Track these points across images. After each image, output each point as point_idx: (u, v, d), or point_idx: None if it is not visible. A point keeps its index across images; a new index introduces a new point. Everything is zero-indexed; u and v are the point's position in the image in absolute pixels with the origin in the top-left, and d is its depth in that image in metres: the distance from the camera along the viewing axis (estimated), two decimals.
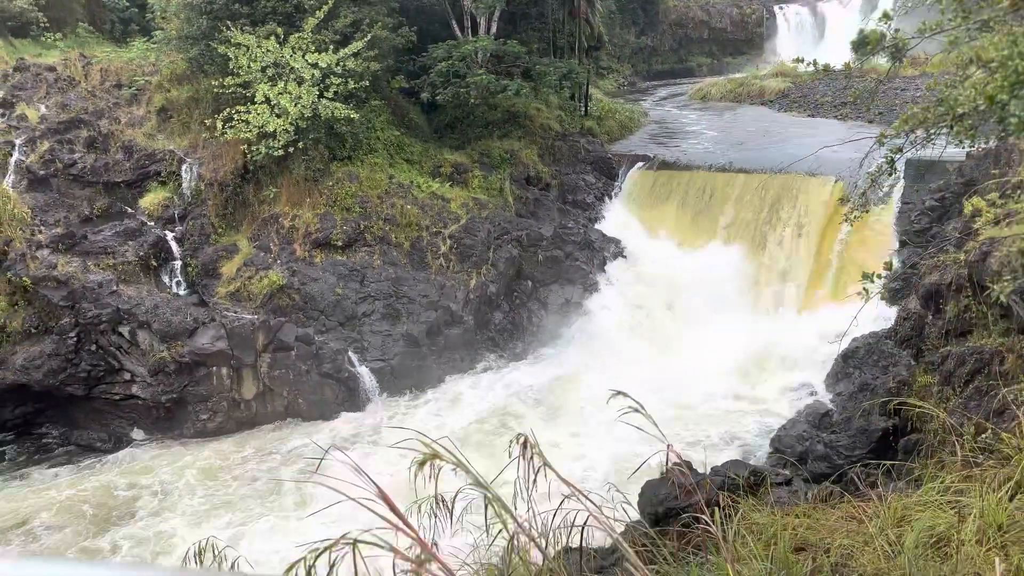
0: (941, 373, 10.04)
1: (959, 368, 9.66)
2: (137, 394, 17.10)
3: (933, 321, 10.86)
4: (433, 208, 21.58)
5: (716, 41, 66.08)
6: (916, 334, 11.25)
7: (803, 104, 33.76)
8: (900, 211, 19.21)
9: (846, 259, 19.99)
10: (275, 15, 20.92)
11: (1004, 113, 6.01)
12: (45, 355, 16.68)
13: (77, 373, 16.85)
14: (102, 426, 17.35)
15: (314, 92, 19.65)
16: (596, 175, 24.99)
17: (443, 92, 23.05)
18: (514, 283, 21.56)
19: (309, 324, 18.73)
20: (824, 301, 19.97)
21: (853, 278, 19.90)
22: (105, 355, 17.06)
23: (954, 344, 10.21)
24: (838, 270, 20.06)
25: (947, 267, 10.65)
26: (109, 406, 17.36)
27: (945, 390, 9.78)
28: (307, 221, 20.40)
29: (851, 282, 19.89)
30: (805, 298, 20.51)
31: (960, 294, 10.31)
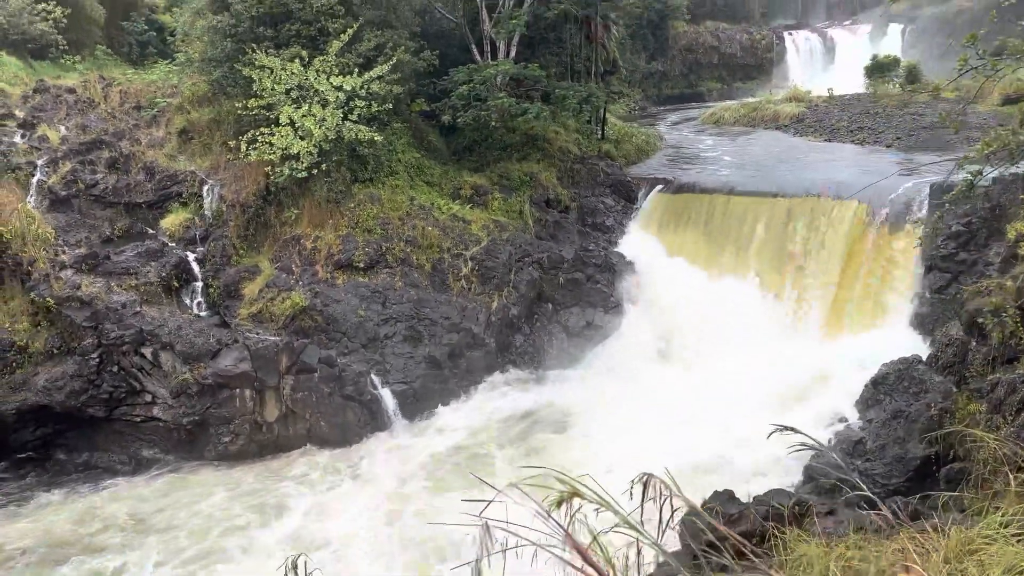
0: (990, 401, 9.87)
1: (1010, 396, 9.49)
2: (159, 416, 16.97)
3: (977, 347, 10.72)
4: (454, 230, 21.53)
5: (726, 66, 66.43)
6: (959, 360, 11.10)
7: (819, 129, 33.76)
8: (925, 236, 19.06)
9: (870, 284, 19.85)
10: (299, 38, 21.03)
11: None
12: (67, 376, 16.58)
13: (99, 394, 16.74)
14: (122, 448, 17.21)
15: (338, 114, 19.70)
16: (615, 198, 24.96)
17: (464, 115, 23.11)
18: (535, 305, 21.45)
19: (331, 346, 18.62)
20: (849, 325, 19.81)
21: (877, 303, 19.84)
22: (127, 376, 16.96)
23: (1002, 371, 10.06)
24: (862, 294, 19.91)
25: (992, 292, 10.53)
26: (130, 428, 17.22)
27: (995, 418, 9.61)
28: (329, 243, 20.35)
29: (875, 306, 19.83)
30: (829, 323, 20.34)
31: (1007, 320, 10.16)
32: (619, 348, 20.98)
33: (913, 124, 30.09)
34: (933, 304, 17.89)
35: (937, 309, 17.79)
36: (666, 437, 16.92)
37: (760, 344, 20.41)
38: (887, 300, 19.32)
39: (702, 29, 65.45)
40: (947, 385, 11.75)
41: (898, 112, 32.42)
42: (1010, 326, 9.98)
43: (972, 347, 10.83)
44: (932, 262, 18.33)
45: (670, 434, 17.03)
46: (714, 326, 20.85)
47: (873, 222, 19.98)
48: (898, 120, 31.29)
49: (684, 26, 63.25)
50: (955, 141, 27.56)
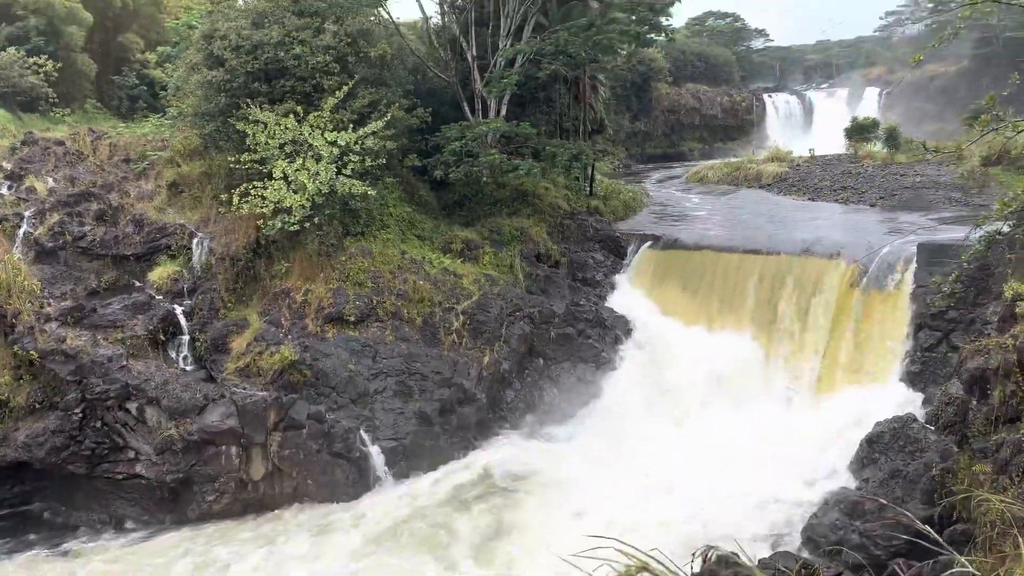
0: (995, 462, 9.81)
1: (1016, 456, 9.44)
2: (141, 473, 16.49)
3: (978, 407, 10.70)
4: (445, 284, 21.48)
5: (707, 127, 67.90)
6: (960, 420, 11.08)
7: (802, 188, 34.35)
8: (913, 294, 19.25)
9: (860, 342, 19.92)
10: (294, 94, 21.22)
11: None
12: (49, 432, 16.13)
13: (80, 451, 16.27)
14: (102, 507, 16.67)
15: (332, 169, 19.77)
16: (604, 253, 25.10)
17: (456, 171, 23.29)
18: (526, 360, 21.31)
19: (320, 401, 18.31)
20: (840, 383, 19.80)
21: (868, 361, 19.89)
22: (110, 432, 16.52)
23: (1004, 431, 10.02)
24: (853, 352, 19.96)
25: (991, 351, 10.58)
26: (111, 486, 16.71)
27: (1001, 479, 9.54)
28: (319, 296, 20.20)
29: (866, 364, 19.87)
30: (820, 381, 20.32)
31: (1008, 379, 10.19)
32: (610, 404, 20.80)
33: (895, 184, 30.71)
34: (924, 362, 17.96)
35: (929, 367, 17.86)
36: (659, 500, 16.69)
37: (751, 401, 20.36)
38: (878, 358, 19.38)
39: (684, 91, 67.03)
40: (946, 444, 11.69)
41: (880, 172, 33.11)
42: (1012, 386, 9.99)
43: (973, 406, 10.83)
44: (922, 320, 18.46)
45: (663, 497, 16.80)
46: (706, 383, 20.79)
47: (862, 280, 20.17)
48: (880, 180, 31.93)
49: (667, 88, 64.76)
50: (936, 201, 28.13)
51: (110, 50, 39.96)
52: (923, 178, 30.61)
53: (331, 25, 21.98)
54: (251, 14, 22.57)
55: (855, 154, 37.77)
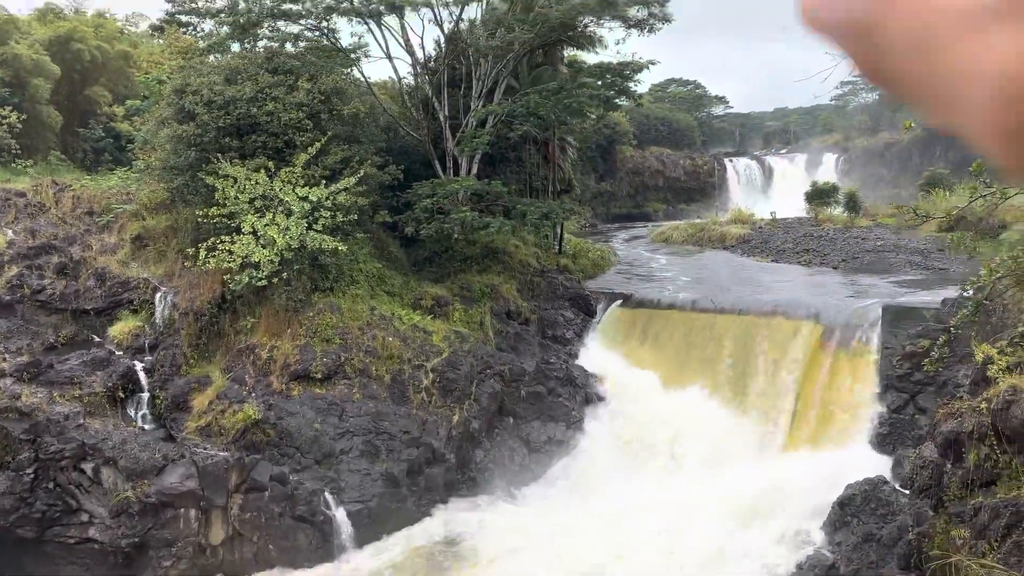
0: (973, 526, 9.78)
1: (994, 521, 9.43)
2: (95, 537, 15.73)
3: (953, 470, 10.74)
4: (415, 341, 21.22)
5: (671, 189, 69.24)
6: (935, 483, 11.10)
7: (765, 250, 34.98)
8: (881, 356, 19.49)
9: (828, 402, 20.04)
10: (266, 149, 21.17)
11: None
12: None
13: (31, 514, 15.49)
14: (52, 573, 15.80)
15: (303, 224, 19.63)
16: (574, 311, 25.12)
17: (427, 227, 23.30)
18: (496, 419, 21.02)
19: (284, 462, 17.77)
20: (809, 444, 19.83)
21: (836, 422, 19.99)
22: (63, 494, 15.79)
23: (981, 495, 10.04)
24: (821, 413, 20.05)
25: (965, 415, 10.66)
26: (62, 551, 15.89)
27: (979, 544, 9.50)
28: (285, 352, 19.80)
29: (835, 425, 19.96)
30: (789, 441, 20.33)
31: (983, 443, 10.26)
32: (580, 465, 20.55)
33: (857, 247, 31.42)
34: (893, 424, 18.09)
35: (897, 429, 17.99)
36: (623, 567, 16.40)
37: (722, 460, 20.23)
38: (847, 419, 19.48)
39: (648, 154, 68.53)
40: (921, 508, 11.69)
41: (841, 235, 33.89)
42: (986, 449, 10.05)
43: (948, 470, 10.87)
44: (889, 382, 18.67)
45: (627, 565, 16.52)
46: (676, 442, 20.68)
47: (830, 342, 20.39)
48: (842, 243, 32.67)
49: (631, 150, 66.18)
50: (898, 264, 28.81)
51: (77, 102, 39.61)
52: (883, 242, 31.40)
53: (305, 83, 22.12)
54: (224, 70, 22.64)
55: (815, 217, 38.70)
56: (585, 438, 21.07)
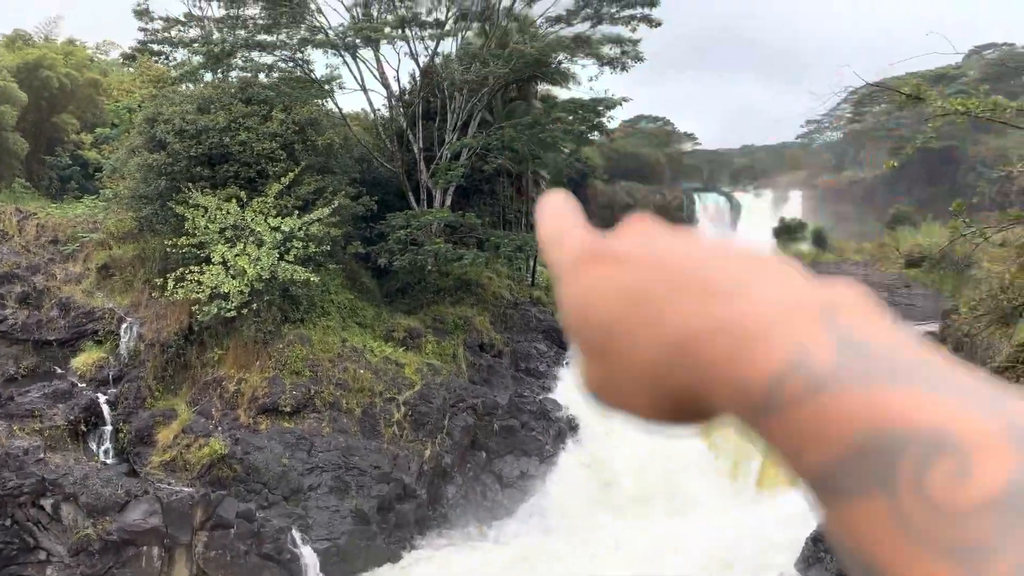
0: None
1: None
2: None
3: None
4: (387, 373, 20.96)
5: None
6: None
7: None
8: None
9: None
10: (238, 179, 20.99)
11: None
12: None
13: None
14: None
15: (274, 254, 19.40)
16: (548, 343, 25.05)
17: (400, 258, 23.17)
18: (468, 454, 20.75)
19: (251, 498, 17.34)
20: (781, 479, 19.81)
21: None
22: (20, 531, 15.20)
23: None
24: None
25: None
26: None
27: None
28: (254, 385, 19.43)
29: None
30: (762, 476, 20.32)
31: None
32: (553, 501, 20.31)
33: None
34: None
35: None
36: None
37: (694, 496, 20.17)
38: None
39: (618, 188, 69.30)
40: None
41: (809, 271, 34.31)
42: None
43: None
44: None
45: None
46: (650, 478, 20.56)
47: None
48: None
49: (602, 185, 66.86)
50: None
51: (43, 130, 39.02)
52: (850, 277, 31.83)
53: (279, 113, 22.03)
54: (197, 99, 22.48)
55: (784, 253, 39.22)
56: (558, 473, 20.86)
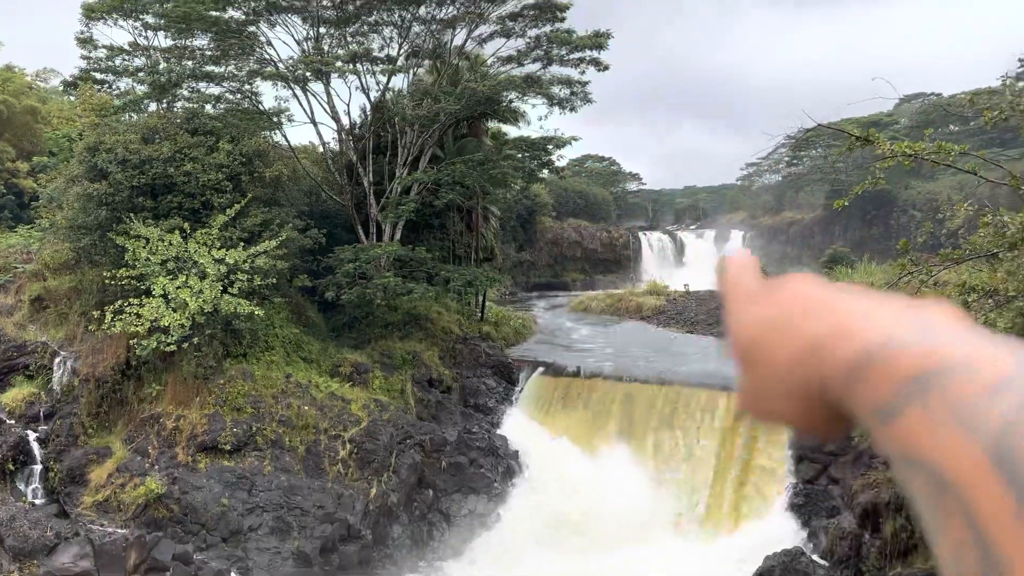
0: None
1: None
2: None
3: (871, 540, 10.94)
4: (332, 409, 20.56)
5: (588, 259, 70.67)
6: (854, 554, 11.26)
7: (680, 321, 35.82)
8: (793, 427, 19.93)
9: (745, 474, 20.32)
10: (182, 210, 20.56)
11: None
12: None
13: None
14: None
15: (218, 287, 18.97)
16: (497, 379, 24.93)
17: (348, 292, 22.90)
18: (415, 492, 20.39)
19: (188, 540, 16.70)
20: (728, 515, 19.98)
21: (753, 493, 20.26)
22: None
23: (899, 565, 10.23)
24: (739, 484, 20.29)
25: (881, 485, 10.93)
26: None
27: None
28: (193, 422, 18.85)
29: (752, 496, 20.22)
30: (707, 513, 20.44)
31: (899, 513, 10.51)
32: (502, 539, 20.04)
33: None
34: (807, 495, 18.43)
35: (811, 500, 18.33)
36: None
37: (642, 533, 20.13)
38: (764, 490, 19.76)
39: (566, 225, 70.03)
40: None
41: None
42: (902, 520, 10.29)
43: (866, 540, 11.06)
44: (802, 452, 19.10)
45: None
46: (598, 514, 20.44)
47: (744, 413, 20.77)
48: None
49: (550, 222, 67.51)
50: None
51: None
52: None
53: (226, 144, 21.72)
54: (141, 129, 22.05)
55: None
56: (506, 511, 20.63)
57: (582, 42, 25.36)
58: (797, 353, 0.62)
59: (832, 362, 0.59)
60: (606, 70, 26.24)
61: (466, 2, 25.30)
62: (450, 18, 25.88)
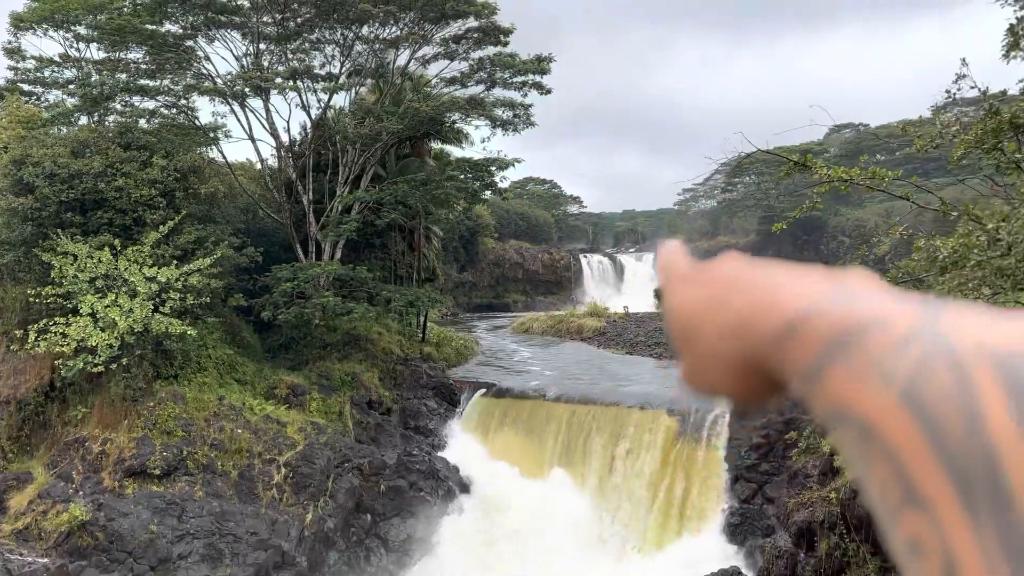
0: None
1: None
2: None
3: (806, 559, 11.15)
4: (267, 433, 20.07)
5: (529, 281, 71.01)
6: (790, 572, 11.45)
7: (620, 342, 36.18)
8: (729, 447, 20.29)
9: (683, 494, 20.52)
10: (112, 227, 19.93)
11: None
12: None
13: None
14: None
15: (149, 306, 18.39)
16: (438, 400, 24.72)
17: (286, 312, 22.47)
18: (353, 517, 19.99)
19: (114, 568, 16.02)
20: (667, 536, 20.13)
21: (691, 513, 20.48)
22: None
23: None
24: (676, 505, 20.48)
25: (815, 504, 11.17)
26: None
27: None
28: (120, 446, 18.16)
29: (689, 517, 20.43)
30: (646, 534, 20.56)
31: (832, 532, 10.74)
32: (442, 563, 19.80)
33: None
34: (743, 514, 18.70)
35: (747, 519, 18.60)
36: None
37: (582, 556, 20.14)
38: (700, 510, 19.98)
39: (508, 247, 70.30)
40: None
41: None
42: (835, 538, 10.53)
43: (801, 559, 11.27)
44: (738, 472, 19.40)
45: None
46: (538, 535, 20.38)
47: (683, 434, 21.05)
48: None
49: (492, 243, 67.67)
50: None
51: None
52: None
53: (160, 160, 21.17)
54: (71, 143, 21.33)
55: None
56: (446, 535, 20.38)
57: (525, 66, 25.63)
58: (729, 328, 0.66)
59: (762, 332, 0.63)
60: (549, 94, 26.57)
61: (410, 23, 25.32)
62: (393, 38, 25.87)
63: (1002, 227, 5.77)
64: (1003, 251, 5.77)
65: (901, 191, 8.31)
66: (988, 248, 5.91)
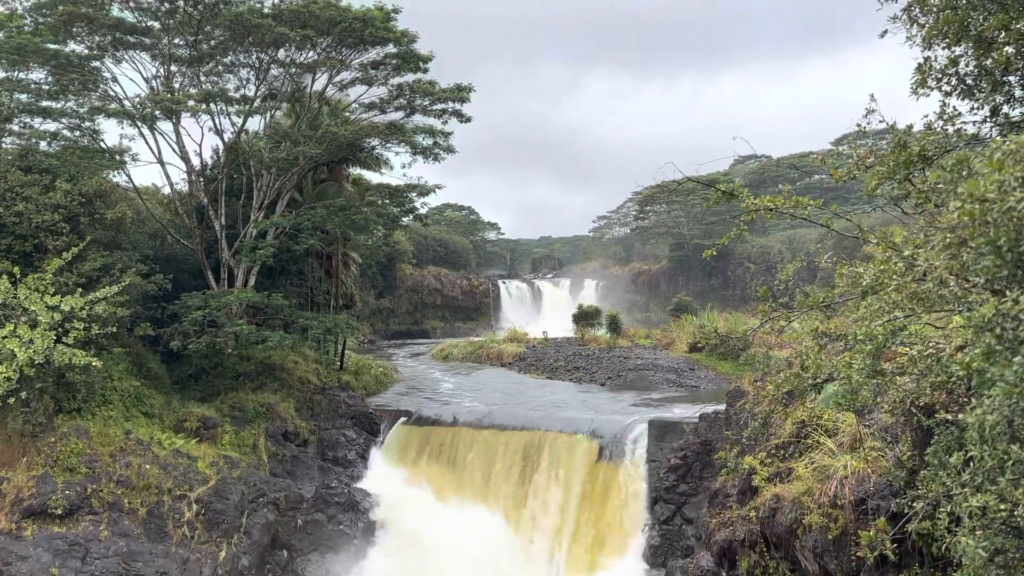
0: None
1: None
2: None
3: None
4: (177, 468, 19.24)
5: (448, 307, 70.90)
6: None
7: (540, 367, 36.44)
8: (648, 469, 20.62)
9: (604, 517, 20.70)
10: (10, 253, 18.89)
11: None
12: None
13: None
14: None
15: (50, 337, 17.44)
16: (357, 430, 24.26)
17: (196, 341, 21.70)
18: (268, 554, 19.33)
19: None
20: (588, 560, 20.23)
21: (612, 536, 20.66)
22: None
23: None
24: (598, 528, 20.64)
25: (736, 523, 11.46)
26: None
27: None
28: (18, 485, 17.08)
29: (611, 540, 20.61)
30: (568, 559, 20.62)
31: (753, 550, 11.04)
32: None
33: (621, 366, 33.68)
34: (663, 535, 19.01)
35: (667, 540, 18.91)
36: None
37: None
38: (622, 532, 20.19)
39: (426, 273, 70.08)
40: None
41: (606, 355, 36.23)
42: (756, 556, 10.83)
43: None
44: (657, 494, 19.73)
45: None
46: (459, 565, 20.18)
47: (604, 457, 21.30)
48: (607, 362, 34.89)
49: (410, 269, 67.33)
50: (656, 381, 31.20)
51: None
52: (643, 360, 33.95)
53: (63, 184, 20.26)
54: None
55: (582, 337, 41.16)
56: (367, 569, 19.94)
57: (445, 94, 25.77)
58: None
59: None
60: (468, 122, 26.76)
61: (327, 48, 25.13)
62: (310, 62, 25.60)
63: (918, 254, 6.17)
64: (918, 276, 6.17)
65: (822, 219, 8.76)
66: (905, 273, 6.30)
